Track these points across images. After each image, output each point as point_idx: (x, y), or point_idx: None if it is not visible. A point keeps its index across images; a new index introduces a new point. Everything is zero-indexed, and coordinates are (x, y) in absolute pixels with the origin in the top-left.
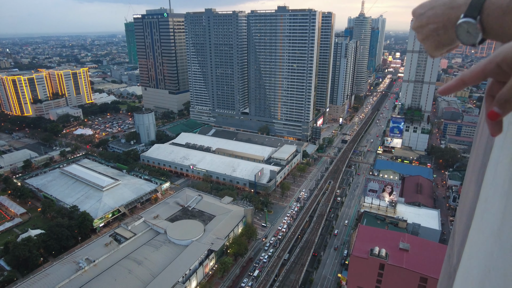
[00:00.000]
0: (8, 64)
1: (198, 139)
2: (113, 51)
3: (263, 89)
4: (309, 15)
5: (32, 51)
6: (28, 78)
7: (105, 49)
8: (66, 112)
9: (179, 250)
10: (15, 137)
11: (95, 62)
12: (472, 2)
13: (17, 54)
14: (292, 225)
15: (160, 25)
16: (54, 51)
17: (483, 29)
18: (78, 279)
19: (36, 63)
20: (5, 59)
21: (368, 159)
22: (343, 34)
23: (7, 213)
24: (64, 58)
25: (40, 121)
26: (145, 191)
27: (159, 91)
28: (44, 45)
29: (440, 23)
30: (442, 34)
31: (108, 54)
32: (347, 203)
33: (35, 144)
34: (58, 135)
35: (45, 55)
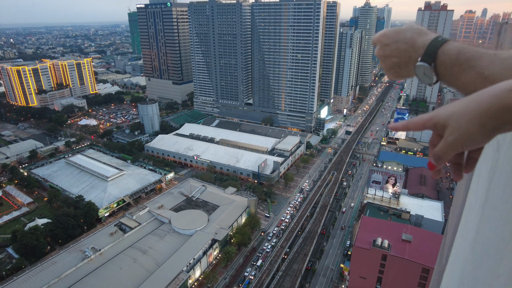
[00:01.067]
0: (13, 55)
1: (202, 129)
2: (117, 41)
3: (267, 80)
4: (314, 4)
5: (36, 41)
6: (33, 68)
7: (109, 39)
8: (70, 102)
9: (183, 239)
10: (21, 128)
11: (99, 53)
12: (428, 48)
13: (21, 45)
14: (295, 216)
15: (163, 15)
16: (58, 41)
17: (437, 74)
18: (85, 267)
19: (40, 53)
20: (9, 49)
21: (372, 150)
22: (348, 24)
23: (15, 203)
24: (68, 49)
25: (45, 111)
26: (150, 181)
27: (163, 81)
28: (47, 35)
29: (402, 58)
30: (403, 68)
31: (112, 44)
32: (350, 194)
33: (40, 134)
34: (63, 126)
35: (49, 46)
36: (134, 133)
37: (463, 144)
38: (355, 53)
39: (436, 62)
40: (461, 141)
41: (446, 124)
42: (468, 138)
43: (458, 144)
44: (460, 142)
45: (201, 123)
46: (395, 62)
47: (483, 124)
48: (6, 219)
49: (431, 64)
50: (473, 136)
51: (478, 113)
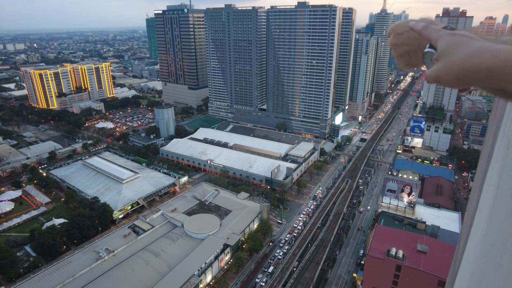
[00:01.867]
0: (36, 59)
1: (216, 134)
2: (134, 46)
3: (281, 86)
4: (330, 10)
5: (57, 46)
6: (54, 72)
7: (127, 44)
8: (88, 105)
9: (195, 243)
10: (41, 129)
11: (117, 57)
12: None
13: (44, 49)
14: (308, 223)
15: (180, 20)
16: (78, 46)
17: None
18: (98, 268)
19: (62, 57)
20: (33, 54)
21: (387, 158)
22: (364, 31)
23: (33, 202)
24: (87, 53)
25: (64, 114)
26: (164, 185)
27: (179, 86)
28: (69, 40)
29: (412, 46)
30: (413, 56)
31: (130, 49)
32: (365, 202)
33: (59, 136)
34: (81, 128)
35: (70, 50)
36: (149, 136)
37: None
38: (371, 59)
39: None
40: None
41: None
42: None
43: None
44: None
45: (215, 128)
46: (405, 50)
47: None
48: (25, 218)
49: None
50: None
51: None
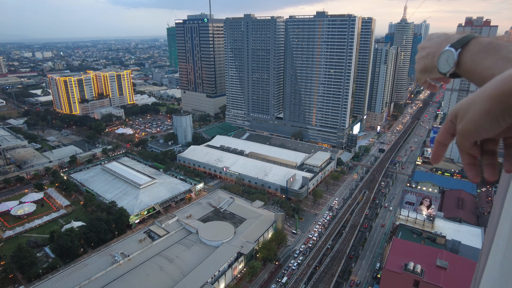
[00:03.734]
0: (61, 66)
1: (232, 142)
2: (155, 55)
3: (299, 94)
4: (349, 20)
5: (82, 54)
6: (78, 79)
7: (148, 52)
8: (109, 111)
9: (209, 250)
10: (64, 134)
11: (138, 65)
12: (462, 38)
13: (69, 57)
14: (323, 234)
15: (200, 30)
16: (102, 54)
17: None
18: (114, 271)
19: (85, 65)
20: (59, 61)
21: (406, 170)
22: (383, 40)
23: (54, 204)
24: (110, 61)
25: (86, 119)
26: (180, 191)
27: (197, 94)
28: (93, 48)
29: (433, 49)
30: (430, 59)
31: (150, 58)
32: (382, 214)
33: (80, 141)
34: (101, 133)
35: (94, 58)
36: (167, 143)
37: (473, 132)
38: (390, 69)
39: (463, 49)
40: (470, 129)
41: (456, 114)
42: (476, 125)
43: (467, 131)
44: (468, 129)
45: (232, 136)
46: (427, 52)
47: (488, 110)
48: (46, 220)
49: (457, 49)
50: (480, 122)
51: (483, 99)
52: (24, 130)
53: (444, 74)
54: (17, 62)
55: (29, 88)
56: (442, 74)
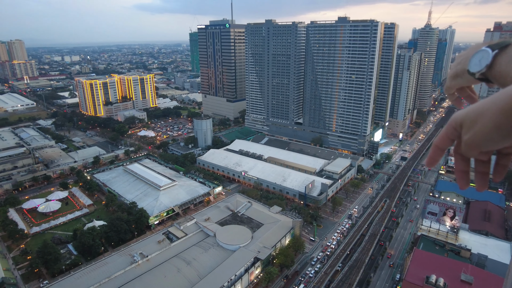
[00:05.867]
0: (88, 69)
1: (251, 146)
2: (178, 59)
3: (319, 100)
4: (371, 26)
5: (107, 58)
6: (103, 82)
7: (171, 57)
8: (132, 114)
9: (226, 254)
10: (88, 135)
11: (161, 69)
12: (501, 41)
13: (96, 61)
14: (342, 242)
15: (222, 35)
16: (126, 58)
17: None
18: (132, 271)
19: (110, 68)
20: (85, 65)
21: (429, 179)
22: (406, 46)
23: (77, 203)
24: (134, 65)
25: (110, 121)
26: (199, 194)
27: (218, 98)
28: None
29: (467, 54)
30: (462, 63)
31: (173, 62)
32: (403, 224)
33: (104, 142)
34: (124, 135)
35: (118, 62)
36: (188, 146)
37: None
38: (413, 75)
39: (501, 51)
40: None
41: (462, 123)
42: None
43: (474, 143)
44: (476, 141)
45: (251, 140)
46: (462, 57)
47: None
48: (69, 218)
49: (494, 50)
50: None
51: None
52: (52, 130)
53: (473, 74)
54: (48, 66)
55: (57, 90)
56: (471, 74)
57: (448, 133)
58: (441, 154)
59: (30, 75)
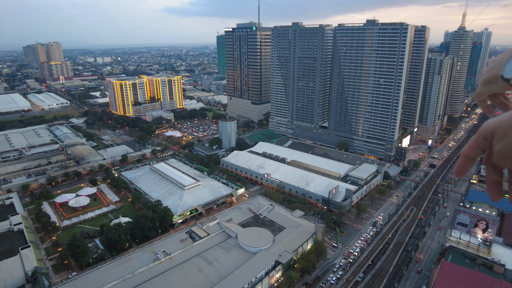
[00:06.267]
0: (118, 70)
1: (275, 149)
2: (205, 62)
3: (345, 104)
4: (400, 29)
5: (137, 60)
6: (132, 83)
7: (198, 59)
8: (160, 115)
9: (247, 256)
10: (117, 134)
11: (188, 71)
12: None
13: (126, 62)
14: (365, 250)
15: (248, 38)
16: (155, 59)
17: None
18: (155, 268)
19: (140, 70)
20: (116, 66)
21: (459, 188)
22: (437, 49)
23: (105, 199)
24: (162, 66)
25: (138, 121)
26: (222, 194)
27: (243, 101)
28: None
29: (501, 59)
30: (496, 69)
31: (200, 64)
32: (430, 234)
33: (132, 141)
34: (151, 135)
35: (147, 63)
36: (212, 147)
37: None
38: (445, 80)
39: None
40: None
41: (493, 133)
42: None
43: (507, 153)
44: (509, 151)
45: (274, 143)
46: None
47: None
48: (97, 213)
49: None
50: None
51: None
52: (83, 128)
53: (508, 80)
54: (81, 67)
55: (89, 90)
56: (505, 80)
57: (478, 143)
58: (471, 164)
59: (66, 75)
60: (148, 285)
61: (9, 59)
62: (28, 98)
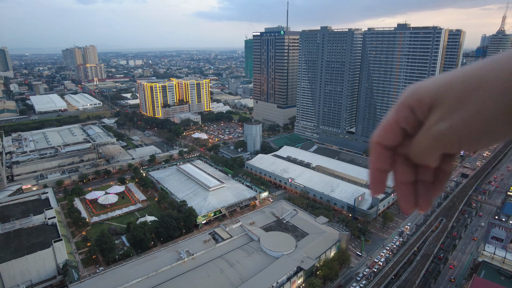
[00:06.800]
0: (149, 73)
1: (299, 153)
2: (232, 66)
3: (373, 109)
4: (433, 33)
5: (167, 63)
6: (162, 85)
7: (226, 63)
8: (187, 117)
9: (269, 260)
10: (146, 135)
11: (216, 75)
12: None
13: (156, 65)
14: (390, 260)
15: (276, 42)
16: (184, 63)
17: None
18: (178, 267)
19: (169, 73)
20: (147, 69)
21: (494, 200)
22: (474, 54)
23: (133, 198)
24: (191, 70)
25: (167, 122)
26: (245, 197)
27: (268, 104)
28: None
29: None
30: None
31: (228, 68)
32: (461, 247)
33: (160, 142)
34: (179, 136)
35: (177, 67)
36: (237, 149)
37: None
38: None
39: None
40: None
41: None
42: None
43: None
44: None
45: (299, 147)
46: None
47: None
48: (125, 211)
49: None
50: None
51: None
52: (114, 128)
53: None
54: (114, 69)
55: (121, 92)
56: None
57: (399, 117)
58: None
59: (99, 77)
60: (171, 284)
61: (49, 61)
62: (64, 98)
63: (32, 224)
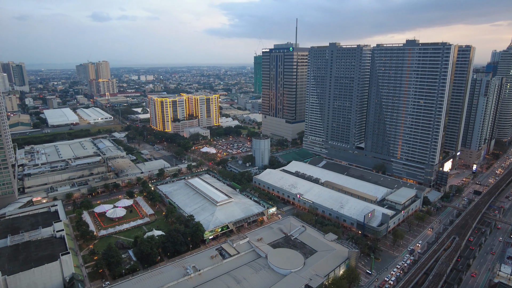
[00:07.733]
0: (160, 88)
1: (308, 169)
2: (242, 81)
3: (383, 124)
4: (443, 49)
5: (178, 78)
6: (172, 100)
7: (235, 79)
8: (197, 131)
9: (277, 278)
10: (156, 149)
11: (226, 90)
12: None
13: (167, 81)
14: (401, 279)
15: (285, 58)
16: (195, 78)
17: None
18: (184, 283)
19: (180, 88)
20: (158, 84)
21: (509, 218)
22: (484, 70)
23: (140, 212)
24: (201, 85)
25: (176, 137)
26: (253, 213)
27: (277, 119)
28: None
29: None
30: None
31: (237, 84)
32: (475, 267)
33: (169, 156)
34: (188, 151)
35: (187, 82)
36: (245, 164)
37: None
38: (492, 102)
39: None
40: None
41: None
42: None
43: None
44: None
45: (308, 162)
46: None
47: None
48: (132, 225)
49: None
50: None
51: None
52: (124, 142)
53: None
54: (126, 84)
55: (132, 106)
56: None
57: None
58: None
59: (111, 92)
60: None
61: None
62: (77, 112)
63: (41, 237)
